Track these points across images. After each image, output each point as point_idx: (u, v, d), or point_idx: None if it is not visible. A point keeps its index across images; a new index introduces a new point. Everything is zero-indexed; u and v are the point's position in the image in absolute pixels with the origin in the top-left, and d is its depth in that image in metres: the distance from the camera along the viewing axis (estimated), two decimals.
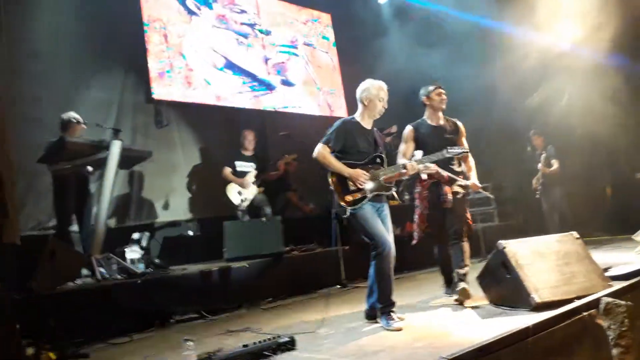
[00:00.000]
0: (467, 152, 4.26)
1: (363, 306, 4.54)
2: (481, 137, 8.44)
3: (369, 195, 3.71)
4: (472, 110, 9.01)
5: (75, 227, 5.23)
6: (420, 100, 4.54)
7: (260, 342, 3.01)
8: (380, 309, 3.64)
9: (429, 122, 4.52)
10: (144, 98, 7.07)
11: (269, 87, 8.46)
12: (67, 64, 6.39)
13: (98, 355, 3.69)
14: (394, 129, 7.65)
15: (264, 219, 6.19)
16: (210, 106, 7.61)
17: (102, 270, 4.75)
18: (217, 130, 7.61)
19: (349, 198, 3.68)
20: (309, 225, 6.98)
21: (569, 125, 7.81)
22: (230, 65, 8.02)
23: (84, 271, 4.74)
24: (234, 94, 7.90)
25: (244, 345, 2.98)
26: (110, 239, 5.09)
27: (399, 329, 3.38)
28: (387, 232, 3.78)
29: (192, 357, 2.61)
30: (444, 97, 4.45)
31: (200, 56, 7.66)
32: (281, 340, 3.05)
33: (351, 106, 9.53)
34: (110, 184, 5.00)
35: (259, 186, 6.64)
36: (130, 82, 7.03)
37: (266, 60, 8.58)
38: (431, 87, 4.46)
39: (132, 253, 5.16)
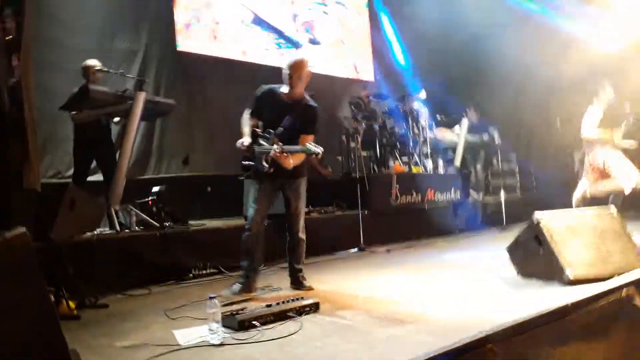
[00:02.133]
0: None
1: (381, 269, 4.52)
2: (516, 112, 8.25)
3: (256, 167, 3.66)
4: (509, 89, 8.84)
5: (93, 177, 5.18)
6: None
7: (283, 302, 2.95)
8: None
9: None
10: (169, 50, 6.90)
11: (296, 45, 8.22)
12: (94, 11, 6.23)
13: (116, 306, 3.67)
14: (422, 94, 7.42)
15: None
16: (235, 61, 7.42)
17: (121, 221, 4.73)
18: (241, 86, 7.39)
19: (244, 163, 3.73)
20: (329, 188, 6.87)
21: None
22: (259, 21, 7.78)
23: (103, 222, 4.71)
24: (260, 51, 7.69)
25: (267, 305, 2.92)
26: (130, 191, 5.04)
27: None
28: (259, 213, 3.68)
29: (216, 315, 2.55)
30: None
31: (228, 10, 7.43)
32: (305, 302, 2.98)
33: (379, 69, 9.32)
34: (132, 135, 4.89)
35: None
36: (156, 34, 6.86)
37: (295, 17, 8.30)
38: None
39: (151, 206, 5.10)
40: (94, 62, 5.04)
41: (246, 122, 3.80)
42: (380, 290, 3.61)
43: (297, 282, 3.81)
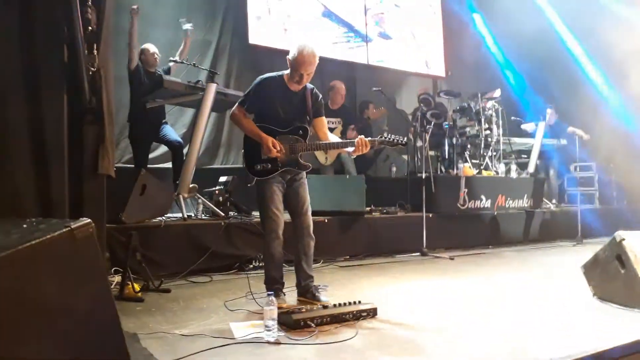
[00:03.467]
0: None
1: (444, 277, 4.35)
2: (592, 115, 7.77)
3: (280, 169, 3.30)
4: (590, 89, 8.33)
5: (163, 165, 5.37)
6: None
7: (340, 304, 2.89)
8: (267, 287, 3.30)
9: None
10: (241, 42, 7.00)
11: (365, 39, 8.10)
12: (169, 2, 6.43)
13: (179, 291, 3.77)
14: (497, 92, 7.08)
15: (347, 175, 6.03)
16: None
17: (188, 209, 4.87)
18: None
19: (257, 167, 3.29)
20: (393, 188, 6.73)
21: None
22: (329, 14, 7.73)
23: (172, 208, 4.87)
24: (329, 44, 7.64)
25: (324, 306, 2.88)
26: (198, 180, 5.16)
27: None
28: (280, 215, 3.31)
29: (273, 313, 2.54)
30: None
31: (299, 2, 7.43)
32: (363, 308, 2.91)
33: (451, 65, 9.02)
34: (203, 125, 5.02)
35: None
36: (229, 25, 6.98)
37: (366, 10, 8.18)
38: None
39: (218, 195, 5.21)
40: (148, 46, 5.23)
41: (251, 121, 3.43)
42: (441, 301, 3.46)
43: (309, 293, 3.39)
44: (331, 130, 6.32)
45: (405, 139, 3.39)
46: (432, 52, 9.00)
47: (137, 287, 3.55)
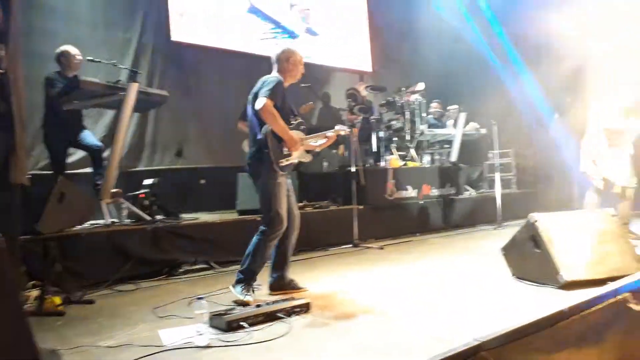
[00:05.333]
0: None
1: (374, 267, 4.45)
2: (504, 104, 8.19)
3: (295, 162, 3.53)
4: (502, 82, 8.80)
5: (83, 170, 5.11)
6: None
7: (273, 302, 2.89)
8: (243, 280, 3.36)
9: None
10: (163, 40, 6.79)
11: (292, 35, 8.11)
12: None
13: (104, 301, 3.60)
14: (420, 86, 7.30)
15: None
16: (230, 51, 7.32)
17: (111, 214, 4.66)
18: (236, 77, 7.33)
19: (283, 162, 3.40)
20: (325, 182, 6.80)
21: None
22: (255, 10, 7.66)
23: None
24: (256, 41, 7.58)
25: (257, 305, 2.86)
26: (122, 184, 4.96)
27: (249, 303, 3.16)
28: (284, 214, 3.44)
29: (204, 316, 2.49)
30: None
31: None
32: (296, 304, 2.92)
33: (377, 60, 9.21)
34: (124, 127, 4.81)
35: None
36: (150, 23, 6.74)
37: (291, 6, 8.17)
38: None
39: (143, 199, 5.03)
40: (70, 48, 4.93)
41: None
42: (372, 291, 3.54)
43: (290, 285, 3.57)
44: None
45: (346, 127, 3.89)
46: (359, 48, 9.15)
47: (57, 300, 3.35)
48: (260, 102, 3.30)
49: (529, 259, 3.39)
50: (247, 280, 3.35)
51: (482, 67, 9.15)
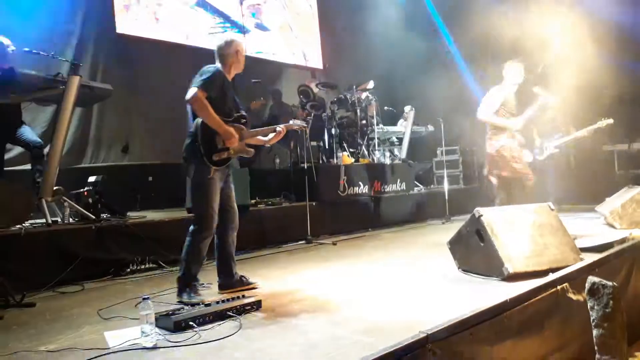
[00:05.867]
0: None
1: (326, 263, 4.48)
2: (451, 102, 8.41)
3: (233, 157, 3.41)
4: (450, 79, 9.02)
5: (22, 167, 4.86)
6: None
7: (223, 301, 2.84)
8: (185, 284, 3.25)
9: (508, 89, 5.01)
10: (107, 32, 6.54)
11: (242, 30, 8.01)
12: None
13: (46, 304, 3.45)
14: (370, 84, 7.40)
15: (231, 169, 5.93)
16: (177, 45, 7.15)
17: (54, 214, 4.46)
18: (184, 71, 7.10)
19: (216, 157, 3.25)
20: (277, 179, 6.77)
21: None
22: (203, 3, 7.52)
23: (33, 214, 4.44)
24: (205, 35, 7.43)
25: (206, 304, 2.81)
26: (65, 181, 4.75)
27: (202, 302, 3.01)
28: (216, 213, 3.32)
29: (150, 317, 2.42)
30: (521, 71, 4.95)
31: None
32: (246, 301, 2.89)
33: (327, 57, 9.24)
34: (65, 122, 4.61)
35: None
36: (93, 14, 6.47)
37: (241, 1, 8.07)
38: (509, 63, 5.00)
39: (87, 197, 4.84)
40: (5, 40, 4.67)
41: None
42: (323, 287, 3.54)
43: (240, 282, 3.53)
44: None
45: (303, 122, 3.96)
46: (310, 45, 9.15)
47: None
48: (190, 92, 3.17)
49: (474, 252, 3.49)
50: (188, 284, 3.24)
51: (430, 65, 9.35)
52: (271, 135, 3.68)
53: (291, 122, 3.81)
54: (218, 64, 3.44)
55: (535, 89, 4.98)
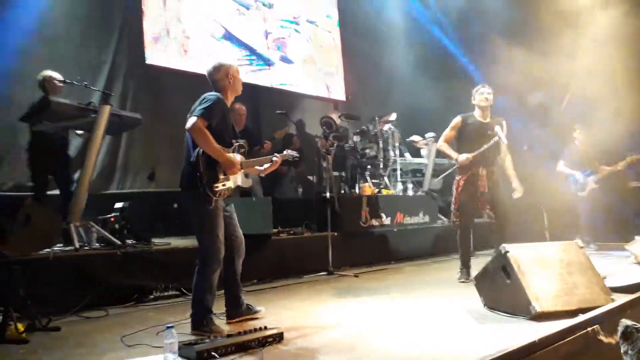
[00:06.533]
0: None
1: (349, 295, 4.43)
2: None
3: (234, 187, 3.32)
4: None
5: (53, 191, 4.98)
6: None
7: (246, 332, 2.83)
8: (201, 320, 3.22)
9: (476, 117, 4.92)
10: (137, 62, 6.75)
11: (268, 62, 8.19)
12: (60, 19, 6.06)
13: (70, 329, 3.48)
14: (392, 116, 7.44)
15: (254, 198, 5.99)
16: (204, 76, 7.29)
17: (81, 238, 4.54)
18: None
19: (218, 186, 3.19)
20: (299, 208, 6.79)
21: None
22: (229, 37, 7.72)
23: (62, 239, 4.52)
24: None
25: (228, 335, 2.80)
26: (92, 207, 4.85)
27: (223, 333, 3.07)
28: (223, 244, 3.29)
29: (174, 346, 2.42)
30: (486, 97, 4.82)
31: (198, 24, 7.35)
32: (268, 333, 2.87)
33: (350, 89, 9.35)
34: (95, 149, 4.74)
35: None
36: (124, 45, 6.72)
37: (267, 34, 8.28)
38: (476, 88, 4.94)
39: (114, 223, 4.92)
40: (53, 74, 4.87)
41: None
42: (346, 320, 3.50)
43: (247, 310, 3.54)
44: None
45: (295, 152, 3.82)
46: (333, 77, 9.30)
47: (21, 327, 3.22)
48: (190, 122, 3.11)
49: (501, 289, 3.43)
50: (204, 319, 3.21)
51: (455, 102, 9.38)
52: (266, 165, 3.62)
53: (285, 152, 3.74)
54: (216, 92, 3.38)
55: (496, 128, 4.70)
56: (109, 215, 4.90)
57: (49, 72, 4.87)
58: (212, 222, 3.22)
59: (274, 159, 3.58)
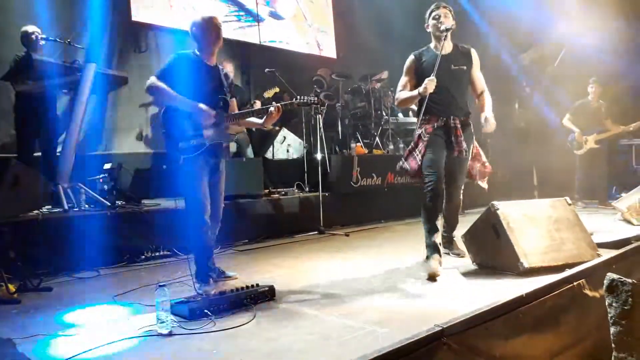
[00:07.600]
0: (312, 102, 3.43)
1: (338, 254, 4.47)
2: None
3: (208, 143, 3.18)
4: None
5: (37, 153, 4.90)
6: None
7: (238, 289, 2.85)
8: (201, 276, 3.27)
9: (434, 50, 3.76)
10: (123, 19, 6.55)
11: (257, 18, 7.97)
12: None
13: (63, 289, 3.50)
14: (384, 74, 7.34)
15: (244, 159, 5.95)
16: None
17: (69, 200, 4.51)
18: None
19: (183, 145, 3.11)
20: (290, 169, 6.77)
21: None
22: None
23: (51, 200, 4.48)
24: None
25: (221, 292, 2.82)
26: (80, 168, 4.79)
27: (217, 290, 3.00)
28: (207, 199, 3.21)
29: (166, 304, 2.44)
30: (442, 20, 3.64)
31: None
32: (260, 290, 2.89)
33: (341, 46, 9.16)
34: (81, 109, 4.64)
35: None
36: (109, 1, 6.48)
37: None
38: (428, 10, 3.78)
39: (103, 183, 4.88)
40: (34, 29, 4.70)
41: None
42: (336, 277, 3.55)
43: (219, 273, 3.47)
44: None
45: (315, 98, 3.43)
46: (324, 34, 9.09)
47: (12, 288, 3.24)
48: (146, 83, 3.12)
49: (490, 246, 3.46)
50: (203, 275, 3.25)
51: None
52: (265, 118, 3.39)
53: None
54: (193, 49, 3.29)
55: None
56: (98, 176, 4.86)
57: (28, 27, 4.70)
58: (190, 177, 3.16)
59: (271, 109, 3.32)
